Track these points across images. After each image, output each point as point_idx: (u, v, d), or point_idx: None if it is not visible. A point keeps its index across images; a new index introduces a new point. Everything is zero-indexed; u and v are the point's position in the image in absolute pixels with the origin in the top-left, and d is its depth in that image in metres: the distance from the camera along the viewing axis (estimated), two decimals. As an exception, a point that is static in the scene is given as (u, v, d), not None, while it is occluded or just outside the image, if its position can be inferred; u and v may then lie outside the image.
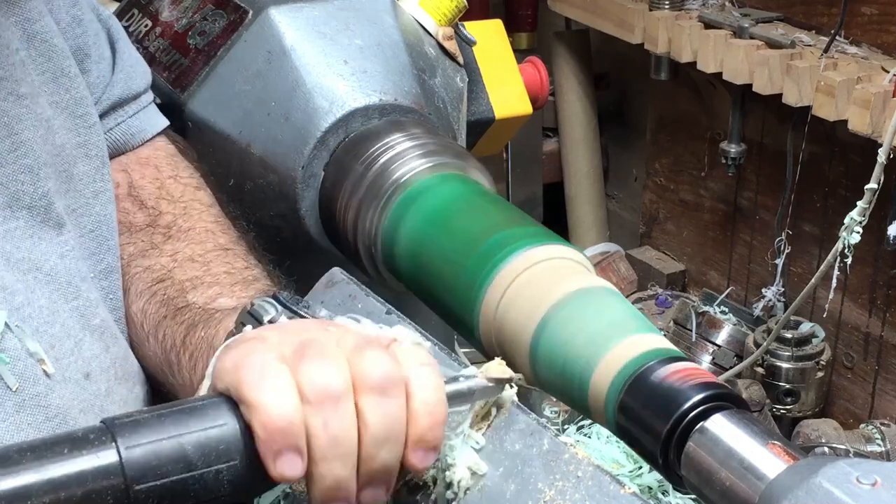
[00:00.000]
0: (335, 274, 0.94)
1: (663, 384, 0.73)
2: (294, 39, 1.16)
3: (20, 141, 0.88)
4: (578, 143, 2.80)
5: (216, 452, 0.64)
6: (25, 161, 0.88)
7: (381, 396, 0.66)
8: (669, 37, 2.24)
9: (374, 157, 1.08)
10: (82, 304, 0.91)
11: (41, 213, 0.89)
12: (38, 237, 0.89)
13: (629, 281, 2.69)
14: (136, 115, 1.09)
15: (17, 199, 0.87)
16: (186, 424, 0.64)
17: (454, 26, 1.30)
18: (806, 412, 2.15)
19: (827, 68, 1.93)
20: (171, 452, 0.63)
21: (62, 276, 0.90)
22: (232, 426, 0.65)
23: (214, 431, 0.64)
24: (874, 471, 0.61)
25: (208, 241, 1.03)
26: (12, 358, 0.80)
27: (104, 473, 0.61)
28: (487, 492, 0.73)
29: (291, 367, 0.66)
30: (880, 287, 2.12)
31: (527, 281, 0.87)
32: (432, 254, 0.98)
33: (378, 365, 0.67)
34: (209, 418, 0.65)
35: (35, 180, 0.89)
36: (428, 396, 0.68)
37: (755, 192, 2.39)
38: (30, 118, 0.89)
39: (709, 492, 0.69)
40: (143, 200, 1.05)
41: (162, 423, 0.64)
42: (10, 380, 0.80)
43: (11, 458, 0.60)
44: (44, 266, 0.89)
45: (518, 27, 2.76)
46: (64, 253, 0.91)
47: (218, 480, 0.64)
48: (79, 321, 0.90)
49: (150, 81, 1.12)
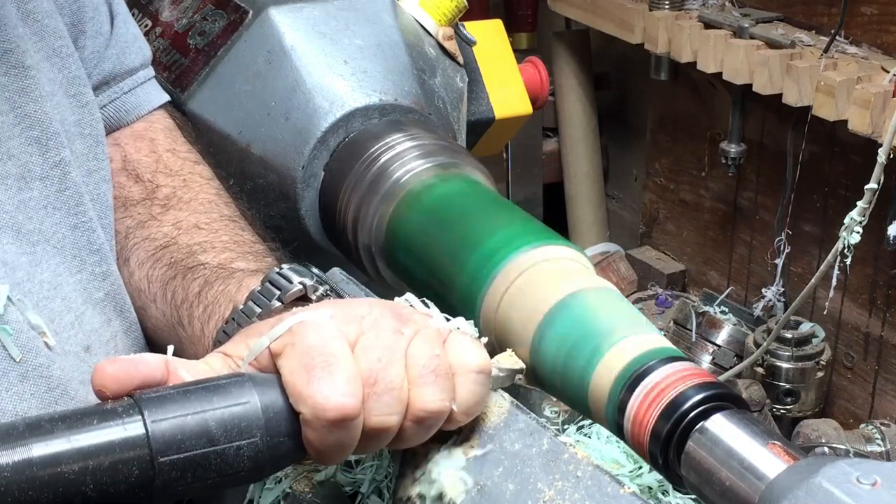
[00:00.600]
0: (335, 274, 0.94)
1: (663, 384, 0.73)
2: (294, 39, 1.17)
3: (24, 113, 0.88)
4: (578, 143, 2.80)
5: (238, 429, 0.66)
6: (32, 133, 0.88)
7: (424, 431, 0.72)
8: (669, 37, 2.24)
9: (374, 157, 1.08)
10: (86, 277, 0.92)
11: (56, 183, 0.90)
12: (52, 207, 0.90)
13: (629, 281, 2.69)
14: (131, 91, 1.09)
15: (28, 170, 0.88)
16: (210, 401, 0.66)
17: (454, 26, 1.30)
18: (806, 412, 2.15)
19: (827, 68, 1.93)
20: (195, 427, 0.65)
21: (69, 249, 0.91)
22: (254, 404, 0.67)
23: (237, 409, 0.66)
24: (874, 471, 0.61)
25: (213, 212, 1.03)
26: (15, 330, 0.82)
27: (131, 445, 0.63)
28: (487, 492, 0.73)
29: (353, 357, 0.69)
30: (880, 287, 2.12)
31: (527, 281, 0.87)
32: (432, 253, 0.98)
33: (435, 401, 0.71)
34: (232, 396, 0.67)
35: (44, 151, 0.89)
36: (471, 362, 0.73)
37: (755, 192, 2.39)
38: (35, 90, 0.89)
39: (709, 492, 0.69)
40: (138, 174, 1.05)
41: (187, 398, 0.66)
42: (14, 351, 0.82)
43: (43, 426, 0.62)
44: (53, 237, 0.89)
45: (518, 27, 2.76)
46: (76, 224, 0.92)
47: (238, 456, 0.66)
48: (81, 294, 0.91)
49: (148, 57, 1.12)
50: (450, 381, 0.72)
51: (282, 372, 0.69)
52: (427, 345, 0.72)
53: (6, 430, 0.62)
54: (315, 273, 0.86)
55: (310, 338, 0.69)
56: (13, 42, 0.88)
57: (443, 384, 0.71)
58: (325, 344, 0.69)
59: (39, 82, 0.90)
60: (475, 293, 0.89)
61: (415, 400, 0.70)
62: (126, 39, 1.08)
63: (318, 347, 0.69)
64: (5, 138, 0.87)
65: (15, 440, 0.61)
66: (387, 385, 0.69)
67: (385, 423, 0.69)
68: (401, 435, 0.71)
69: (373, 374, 0.69)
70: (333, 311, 0.72)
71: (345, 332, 0.70)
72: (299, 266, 0.86)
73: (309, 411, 0.67)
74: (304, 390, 0.67)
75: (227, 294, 0.88)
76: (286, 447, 0.68)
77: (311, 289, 0.84)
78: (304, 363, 0.68)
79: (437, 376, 0.71)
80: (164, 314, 0.95)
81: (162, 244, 0.99)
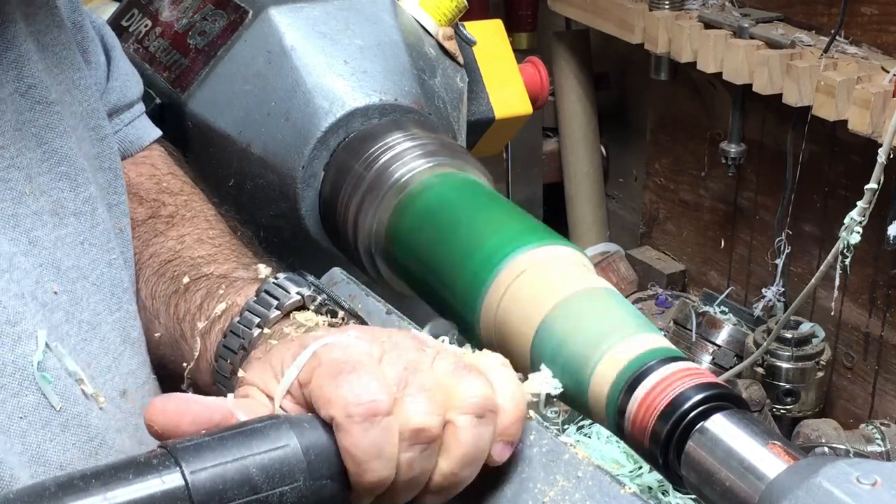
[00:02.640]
0: (335, 274, 0.94)
1: (663, 384, 0.73)
2: (294, 39, 1.17)
3: (52, 149, 0.86)
4: (578, 143, 2.80)
5: (280, 474, 0.63)
6: (61, 168, 0.86)
7: (476, 422, 0.69)
8: (669, 37, 2.25)
9: (374, 157, 1.08)
10: (123, 315, 0.90)
11: (88, 219, 0.88)
12: (88, 244, 0.88)
13: (629, 281, 2.69)
14: (131, 123, 1.08)
15: (61, 205, 0.86)
16: (249, 447, 0.63)
17: (454, 26, 1.30)
18: (806, 412, 2.15)
19: (827, 68, 1.93)
20: (237, 475, 0.62)
21: (107, 287, 0.89)
22: (294, 447, 0.64)
23: (277, 453, 0.64)
24: (874, 471, 0.61)
25: (216, 227, 1.03)
26: (54, 377, 0.79)
27: (171, 498, 0.60)
28: (487, 492, 0.73)
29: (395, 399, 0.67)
30: (880, 287, 2.12)
31: (528, 280, 0.87)
32: (432, 253, 0.98)
33: (477, 390, 0.69)
34: (270, 440, 0.64)
35: (74, 186, 0.87)
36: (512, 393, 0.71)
37: (755, 192, 2.39)
38: (60, 125, 0.87)
39: (709, 492, 0.69)
40: (141, 196, 1.05)
41: (225, 445, 0.63)
42: (54, 399, 0.78)
43: (76, 485, 0.59)
44: (91, 274, 0.87)
45: (518, 27, 2.76)
46: (111, 261, 0.90)
47: (281, 503, 0.63)
48: (120, 334, 0.89)
49: (142, 91, 1.12)
50: (485, 377, 0.70)
51: (312, 394, 0.68)
52: (450, 360, 0.71)
53: (37, 493, 0.59)
54: (311, 282, 0.85)
55: (335, 354, 0.69)
56: (36, 77, 0.86)
57: (481, 377, 0.70)
58: (350, 355, 0.68)
59: (63, 117, 0.88)
60: (475, 293, 0.89)
61: (455, 396, 0.68)
62: (126, 72, 1.08)
63: (343, 358, 0.68)
64: (35, 174, 0.84)
65: (48, 502, 0.58)
66: (419, 386, 0.68)
67: (426, 422, 0.67)
68: (450, 445, 0.68)
69: (402, 379, 0.68)
70: (358, 332, 0.72)
71: (370, 351, 0.70)
72: (295, 275, 0.85)
73: (340, 412, 0.65)
74: (332, 394, 0.66)
75: (228, 306, 0.87)
76: (329, 489, 0.66)
77: (310, 298, 0.83)
78: (331, 372, 0.67)
79: (469, 371, 0.70)
80: (167, 329, 0.94)
81: (166, 259, 0.98)
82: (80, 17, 1.01)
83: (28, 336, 0.78)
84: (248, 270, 0.93)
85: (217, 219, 1.05)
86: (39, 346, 0.78)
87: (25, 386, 0.77)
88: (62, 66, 0.92)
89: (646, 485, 1.82)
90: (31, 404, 0.77)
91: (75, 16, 1.00)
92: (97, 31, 1.06)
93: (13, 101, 0.84)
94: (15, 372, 0.76)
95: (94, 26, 1.05)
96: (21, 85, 0.85)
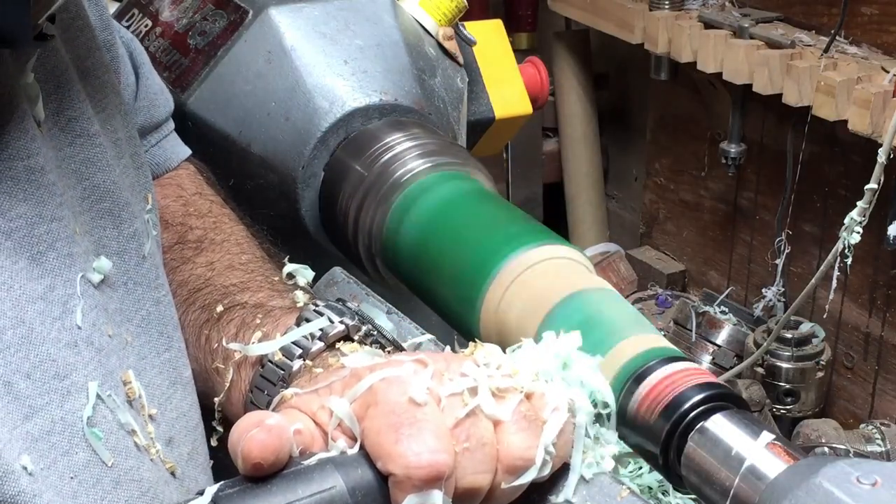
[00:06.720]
0: (335, 273, 0.94)
1: (663, 384, 0.73)
2: (294, 39, 1.17)
3: (93, 185, 0.82)
4: (578, 143, 2.80)
5: None
6: (103, 205, 0.82)
7: (518, 480, 0.68)
8: (669, 37, 2.25)
9: (374, 157, 1.08)
10: (174, 355, 0.86)
11: (133, 256, 0.84)
12: (133, 283, 0.84)
13: (629, 281, 2.69)
14: (158, 144, 1.05)
15: (103, 245, 0.82)
16: (295, 491, 0.62)
17: (454, 26, 1.30)
18: (806, 412, 2.15)
19: (827, 68, 1.93)
20: None
21: (155, 326, 0.85)
22: (340, 489, 0.63)
23: (324, 496, 0.62)
24: (874, 471, 0.61)
25: (246, 252, 0.99)
26: (105, 431, 0.74)
27: None
28: (487, 492, 0.73)
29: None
30: (880, 287, 2.12)
31: (527, 281, 0.87)
32: (432, 253, 0.98)
33: (526, 454, 0.67)
34: (316, 482, 0.63)
35: (117, 224, 0.83)
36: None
37: (755, 192, 2.39)
38: (102, 159, 0.83)
39: (709, 492, 0.69)
40: (167, 220, 1.00)
41: (270, 492, 0.62)
42: (105, 455, 0.74)
43: None
44: (135, 316, 0.83)
45: (518, 27, 2.76)
46: (159, 299, 0.86)
47: None
48: (170, 375, 0.85)
49: (171, 109, 1.08)
50: (538, 427, 0.68)
51: (366, 434, 0.66)
52: (513, 401, 0.68)
53: None
54: (354, 310, 0.83)
55: (393, 394, 0.66)
56: (77, 109, 0.82)
57: (534, 429, 0.68)
58: (410, 397, 0.66)
59: (105, 149, 0.84)
60: (475, 293, 0.89)
61: (506, 450, 0.67)
62: (154, 91, 1.05)
63: (403, 404, 0.65)
64: (76, 213, 0.80)
65: None
66: (479, 440, 0.66)
67: (478, 482, 0.66)
68: (490, 496, 0.67)
69: (463, 429, 0.66)
70: (416, 366, 0.69)
71: (430, 387, 0.67)
72: (335, 303, 0.83)
73: (401, 471, 0.63)
74: (392, 450, 0.64)
75: (265, 335, 0.84)
76: None
77: (354, 328, 0.81)
78: (391, 422, 0.65)
79: (528, 422, 0.68)
80: (196, 360, 0.90)
81: (195, 287, 0.95)
82: (111, 36, 0.97)
83: (78, 389, 0.73)
84: (283, 298, 0.90)
85: (248, 241, 1.01)
86: (90, 400, 0.74)
87: (75, 443, 0.72)
88: (105, 91, 0.87)
89: (646, 485, 1.82)
90: (81, 462, 0.73)
91: (105, 34, 0.95)
92: (126, 46, 1.03)
93: (52, 136, 0.79)
94: (64, 429, 0.72)
95: (122, 42, 1.02)
96: (61, 119, 0.81)
